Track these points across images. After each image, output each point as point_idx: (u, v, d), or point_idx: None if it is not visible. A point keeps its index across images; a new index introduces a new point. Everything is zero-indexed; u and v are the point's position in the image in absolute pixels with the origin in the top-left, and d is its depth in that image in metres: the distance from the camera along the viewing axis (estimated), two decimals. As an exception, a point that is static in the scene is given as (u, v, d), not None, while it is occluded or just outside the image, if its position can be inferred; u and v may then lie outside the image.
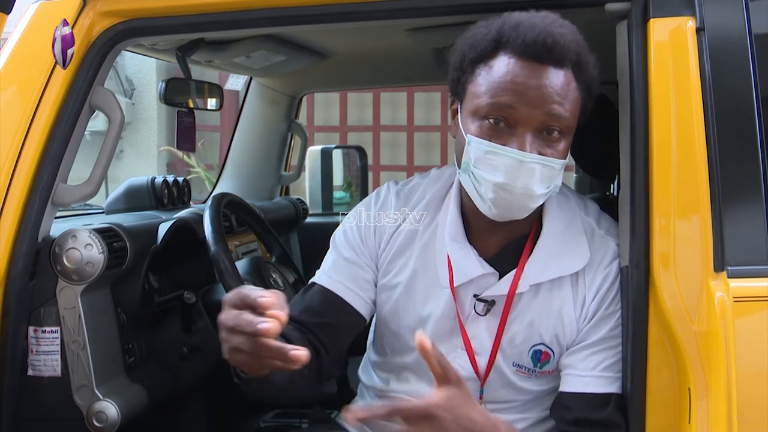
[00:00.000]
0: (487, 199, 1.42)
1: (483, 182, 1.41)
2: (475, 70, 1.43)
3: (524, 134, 1.38)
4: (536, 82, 1.37)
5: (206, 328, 2.02)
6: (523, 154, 1.38)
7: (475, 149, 1.41)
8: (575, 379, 1.49)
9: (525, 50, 1.37)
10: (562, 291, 1.50)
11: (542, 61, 1.37)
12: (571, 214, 1.53)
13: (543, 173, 1.40)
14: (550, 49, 1.37)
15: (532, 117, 1.38)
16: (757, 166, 1.41)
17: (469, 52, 1.43)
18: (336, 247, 1.62)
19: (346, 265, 1.59)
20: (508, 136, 1.39)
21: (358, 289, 1.58)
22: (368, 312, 1.60)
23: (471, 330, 1.52)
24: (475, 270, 1.50)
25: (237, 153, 3.01)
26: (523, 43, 1.37)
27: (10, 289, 1.64)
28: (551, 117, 1.38)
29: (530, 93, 1.37)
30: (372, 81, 3.46)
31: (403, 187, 1.62)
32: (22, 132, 1.66)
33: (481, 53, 1.42)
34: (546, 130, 1.40)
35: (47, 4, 1.72)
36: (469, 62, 1.43)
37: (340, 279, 1.58)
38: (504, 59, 1.39)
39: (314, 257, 1.76)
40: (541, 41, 1.36)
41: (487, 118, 1.40)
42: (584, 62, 1.42)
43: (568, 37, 1.39)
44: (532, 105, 1.37)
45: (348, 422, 1.36)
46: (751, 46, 1.45)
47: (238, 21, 1.71)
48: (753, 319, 1.37)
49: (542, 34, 1.37)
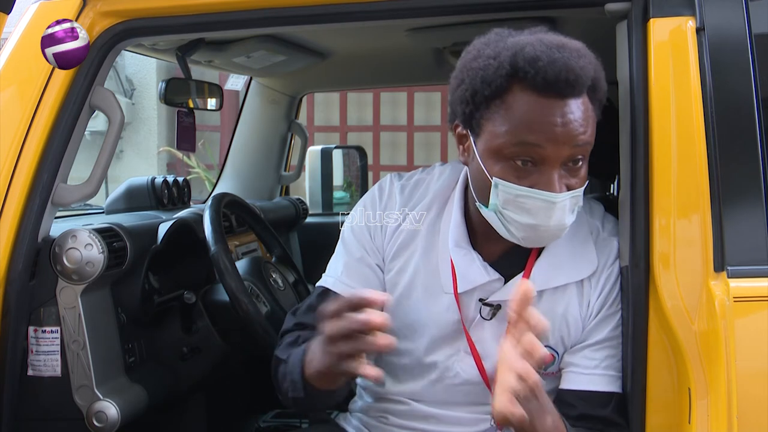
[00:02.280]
0: (518, 236, 1.41)
1: (513, 222, 1.39)
2: (490, 106, 1.37)
3: (551, 172, 1.35)
4: (561, 119, 1.33)
5: (206, 328, 2.02)
6: (555, 195, 1.35)
7: (504, 193, 1.38)
8: (577, 377, 1.48)
9: (546, 87, 1.32)
10: (567, 294, 1.49)
11: (563, 97, 1.34)
12: (578, 218, 1.52)
13: (572, 203, 1.39)
14: (573, 84, 1.33)
15: (559, 153, 1.35)
16: (757, 166, 1.41)
17: (481, 88, 1.37)
18: (347, 247, 1.59)
19: (359, 267, 1.57)
20: (536, 175, 1.36)
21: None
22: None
23: (475, 334, 1.51)
24: (480, 277, 1.49)
25: (237, 153, 3.01)
26: (543, 81, 1.32)
27: (10, 289, 1.64)
28: (578, 148, 1.36)
29: (557, 130, 1.33)
30: (372, 81, 3.46)
31: (407, 182, 1.60)
32: (22, 132, 1.66)
33: (497, 90, 1.36)
34: (571, 161, 1.37)
35: (47, 4, 1.72)
36: (483, 98, 1.37)
37: (353, 285, 1.55)
38: (523, 97, 1.34)
39: (314, 257, 1.76)
40: (564, 78, 1.32)
41: (513, 159, 1.36)
42: (598, 82, 1.39)
43: (587, 68, 1.35)
44: (559, 142, 1.34)
45: None
46: (751, 46, 1.45)
47: (238, 21, 1.71)
48: (753, 319, 1.37)
49: (564, 70, 1.31)
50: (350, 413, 1.68)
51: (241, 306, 1.88)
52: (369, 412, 1.63)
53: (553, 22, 1.75)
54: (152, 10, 1.70)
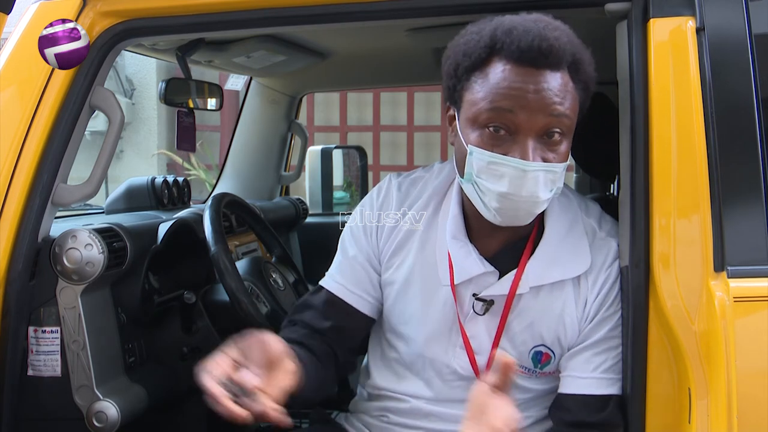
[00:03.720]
0: (492, 208, 1.41)
1: (487, 192, 1.40)
2: (470, 78, 1.41)
3: (526, 141, 1.37)
4: (534, 86, 1.36)
5: (206, 328, 2.02)
6: (527, 163, 1.36)
7: (477, 160, 1.39)
8: (575, 381, 1.49)
9: (520, 56, 1.36)
10: (564, 293, 1.49)
11: (538, 66, 1.36)
12: (573, 216, 1.53)
13: (546, 179, 1.39)
14: (546, 53, 1.35)
15: (532, 122, 1.36)
16: (757, 166, 1.41)
17: (462, 60, 1.42)
18: (342, 246, 1.62)
19: (350, 266, 1.59)
20: (510, 143, 1.38)
21: (361, 291, 1.59)
22: (375, 311, 1.61)
23: (470, 329, 1.52)
24: (475, 268, 1.50)
25: (237, 153, 3.01)
26: (518, 48, 1.35)
27: (10, 289, 1.64)
28: (553, 118, 1.37)
29: (529, 97, 1.36)
30: (372, 81, 3.47)
31: (405, 180, 1.62)
32: (22, 132, 1.66)
33: (476, 61, 1.40)
34: (547, 134, 1.38)
35: (47, 4, 1.72)
36: (464, 70, 1.42)
37: (343, 282, 1.59)
38: (499, 66, 1.38)
39: (314, 257, 1.77)
40: (536, 46, 1.35)
41: (487, 126, 1.38)
42: (580, 62, 1.40)
43: (563, 40, 1.37)
44: (532, 109, 1.36)
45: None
46: (751, 46, 1.45)
47: (238, 21, 1.71)
48: (753, 319, 1.37)
49: (537, 38, 1.35)
50: (351, 413, 1.68)
51: (241, 306, 1.88)
52: (369, 411, 1.63)
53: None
54: (152, 10, 1.71)
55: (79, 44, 1.64)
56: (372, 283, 1.59)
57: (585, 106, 1.45)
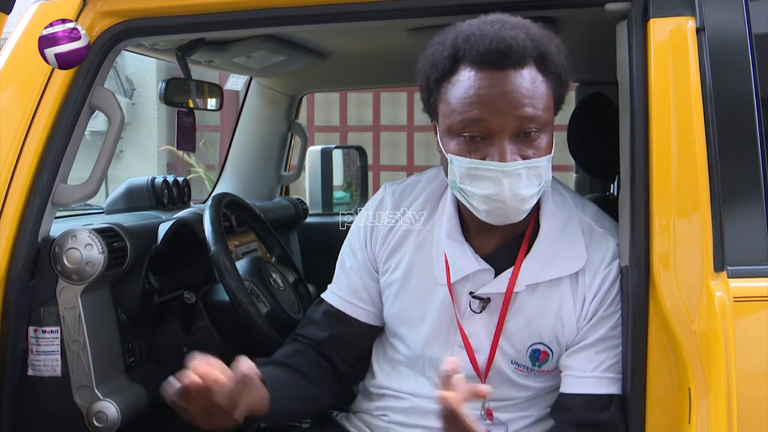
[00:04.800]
0: (481, 210, 1.43)
1: (473, 196, 1.42)
2: (440, 89, 1.43)
3: (502, 143, 1.38)
4: (500, 90, 1.37)
5: (206, 328, 2.02)
6: (504, 164, 1.38)
7: (458, 167, 1.42)
8: (576, 381, 1.49)
9: (481, 60, 1.37)
10: (561, 290, 1.50)
11: (501, 67, 1.37)
12: (568, 213, 1.53)
13: (530, 174, 1.40)
14: (506, 53, 1.36)
15: (504, 125, 1.38)
16: (757, 166, 1.42)
17: (431, 72, 1.44)
18: (341, 258, 1.67)
19: (346, 277, 1.64)
20: (486, 146, 1.39)
21: (357, 301, 1.62)
22: (374, 318, 1.63)
23: (468, 328, 1.52)
24: (470, 266, 1.51)
25: (237, 153, 3.01)
26: (478, 53, 1.37)
27: (10, 289, 1.64)
28: (524, 120, 1.38)
29: (496, 102, 1.37)
30: (372, 81, 3.47)
31: (398, 186, 1.64)
32: (22, 132, 1.66)
33: (442, 72, 1.42)
34: (522, 133, 1.39)
35: (47, 4, 1.72)
36: (434, 82, 1.44)
37: (339, 293, 1.64)
38: (464, 73, 1.39)
39: (314, 257, 1.77)
40: (495, 48, 1.36)
41: (461, 134, 1.40)
42: (546, 53, 1.41)
43: (520, 37, 1.38)
44: (501, 113, 1.37)
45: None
46: (751, 46, 1.45)
47: (238, 21, 1.71)
48: (753, 319, 1.37)
49: (494, 40, 1.36)
50: (352, 413, 1.69)
51: (241, 306, 1.88)
52: (370, 410, 1.64)
53: (553, 22, 1.75)
54: (152, 10, 1.71)
55: (79, 44, 1.64)
56: (369, 291, 1.62)
57: (562, 95, 1.46)
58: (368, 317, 1.62)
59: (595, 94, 2.30)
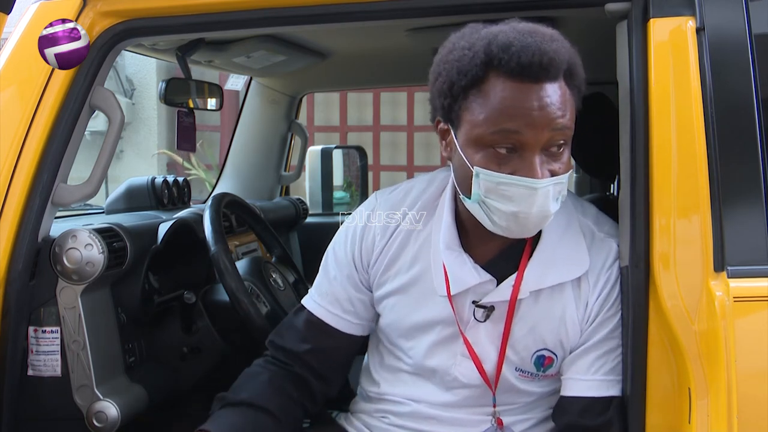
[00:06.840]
0: (501, 225, 1.40)
1: (496, 212, 1.38)
2: (468, 96, 1.37)
3: (533, 157, 1.35)
4: (538, 103, 1.33)
5: (206, 328, 2.02)
6: (537, 181, 1.34)
7: (485, 181, 1.37)
8: (577, 384, 1.48)
9: (521, 72, 1.33)
10: (564, 295, 1.49)
11: (538, 80, 1.34)
12: (568, 217, 1.51)
13: (555, 191, 1.38)
14: (547, 67, 1.33)
15: (538, 138, 1.34)
16: (757, 166, 1.41)
17: (458, 79, 1.37)
18: (325, 265, 1.62)
19: (330, 286, 1.60)
20: (516, 161, 1.36)
21: (340, 311, 1.59)
22: (358, 330, 1.61)
23: (471, 337, 1.51)
24: (471, 279, 1.49)
25: (237, 153, 3.01)
26: (518, 65, 1.32)
27: (10, 289, 1.64)
28: (555, 132, 1.35)
29: (534, 115, 1.33)
30: (372, 81, 3.47)
31: (390, 194, 1.60)
32: (22, 132, 1.66)
33: (473, 79, 1.36)
34: (551, 147, 1.37)
35: (47, 4, 1.72)
36: (460, 89, 1.38)
37: (322, 303, 1.60)
38: (498, 83, 1.35)
39: (314, 257, 1.76)
40: (537, 62, 1.32)
41: (493, 146, 1.36)
42: (574, 66, 1.39)
43: (561, 51, 1.36)
44: (537, 126, 1.33)
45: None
46: (751, 46, 1.45)
47: (238, 21, 1.71)
48: (753, 319, 1.37)
49: (537, 54, 1.32)
50: (351, 413, 1.68)
51: (241, 306, 1.88)
52: (370, 412, 1.63)
53: (553, 22, 1.75)
54: (152, 10, 1.71)
55: (79, 44, 1.64)
56: (353, 303, 1.58)
57: (580, 108, 1.44)
58: (351, 328, 1.59)
59: (595, 94, 2.30)
